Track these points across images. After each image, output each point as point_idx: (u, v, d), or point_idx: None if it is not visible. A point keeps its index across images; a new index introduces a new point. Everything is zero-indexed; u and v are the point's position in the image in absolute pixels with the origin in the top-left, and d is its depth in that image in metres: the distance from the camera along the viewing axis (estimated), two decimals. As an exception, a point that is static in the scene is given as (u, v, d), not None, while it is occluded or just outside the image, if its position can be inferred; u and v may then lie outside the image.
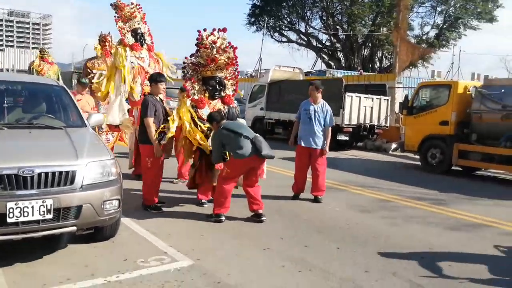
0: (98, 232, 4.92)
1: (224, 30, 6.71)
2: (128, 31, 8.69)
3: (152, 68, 8.73)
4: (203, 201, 6.96)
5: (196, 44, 6.68)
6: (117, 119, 8.39)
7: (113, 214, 4.66)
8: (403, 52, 22.62)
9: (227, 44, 6.69)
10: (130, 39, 8.63)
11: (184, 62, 6.89)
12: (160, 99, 6.90)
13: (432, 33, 41.87)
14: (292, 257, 5.00)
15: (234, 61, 6.92)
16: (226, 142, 6.16)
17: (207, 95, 6.86)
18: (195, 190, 7.09)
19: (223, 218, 6.23)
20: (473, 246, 5.78)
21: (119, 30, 8.70)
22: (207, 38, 6.58)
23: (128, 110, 8.49)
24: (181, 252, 4.93)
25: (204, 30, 6.66)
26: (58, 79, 13.81)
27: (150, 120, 6.47)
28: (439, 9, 40.99)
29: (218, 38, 6.62)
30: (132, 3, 8.81)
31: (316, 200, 7.65)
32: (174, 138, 6.92)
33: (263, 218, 6.31)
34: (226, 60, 6.76)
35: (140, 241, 5.26)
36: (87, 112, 7.45)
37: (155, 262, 4.62)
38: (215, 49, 6.57)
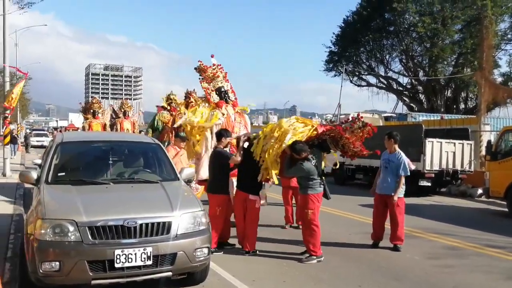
0: (190, 277, 5.43)
1: (359, 116, 7.42)
2: (212, 90, 9.42)
3: (238, 122, 9.42)
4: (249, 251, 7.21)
5: (352, 121, 7.34)
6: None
7: (203, 260, 5.16)
8: (487, 93, 21.91)
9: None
10: (215, 98, 9.34)
11: (332, 120, 7.53)
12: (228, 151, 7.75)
13: (521, 70, 40.08)
14: (369, 305, 5.23)
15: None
16: (312, 173, 6.84)
17: None
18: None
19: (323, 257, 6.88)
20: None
21: (204, 90, 9.45)
22: (361, 121, 7.28)
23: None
24: (264, 298, 5.32)
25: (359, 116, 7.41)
26: None
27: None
28: (528, 45, 39.30)
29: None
30: (213, 64, 9.58)
31: (395, 248, 7.73)
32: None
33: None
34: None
35: (227, 286, 5.71)
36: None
37: (241, 306, 5.04)
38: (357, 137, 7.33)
